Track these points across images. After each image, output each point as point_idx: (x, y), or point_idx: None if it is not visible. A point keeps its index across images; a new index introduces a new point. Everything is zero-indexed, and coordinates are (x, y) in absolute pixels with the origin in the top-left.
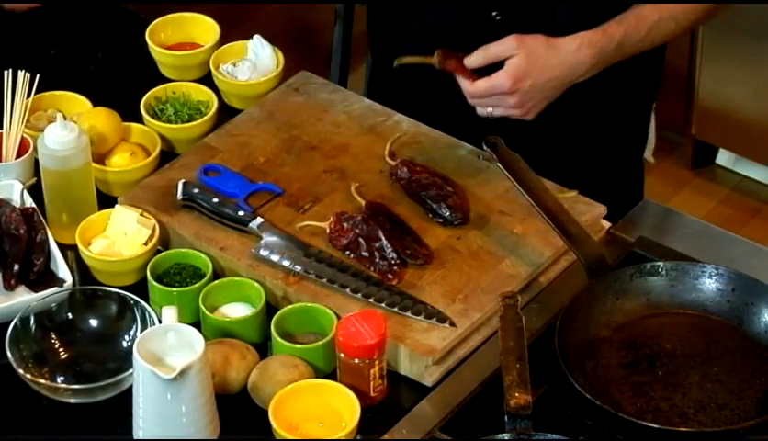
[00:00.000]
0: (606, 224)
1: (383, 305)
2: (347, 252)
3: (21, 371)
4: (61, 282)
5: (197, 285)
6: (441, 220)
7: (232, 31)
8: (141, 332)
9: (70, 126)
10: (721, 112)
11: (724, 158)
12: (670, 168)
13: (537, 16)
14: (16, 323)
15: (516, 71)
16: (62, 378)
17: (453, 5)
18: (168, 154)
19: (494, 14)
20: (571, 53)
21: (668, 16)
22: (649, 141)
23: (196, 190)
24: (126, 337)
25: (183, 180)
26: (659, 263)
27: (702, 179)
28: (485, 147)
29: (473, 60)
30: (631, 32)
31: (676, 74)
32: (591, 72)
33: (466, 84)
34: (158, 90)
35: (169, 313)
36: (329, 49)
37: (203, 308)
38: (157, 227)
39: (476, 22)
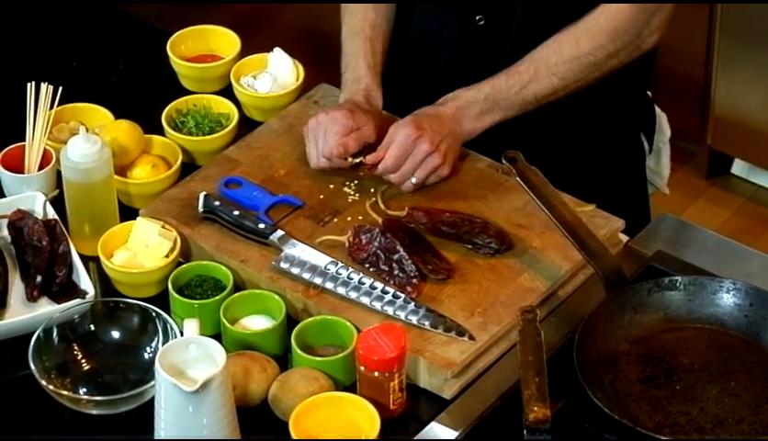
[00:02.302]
0: (624, 238)
1: (402, 318)
2: (367, 265)
3: (44, 382)
4: (83, 294)
5: (217, 297)
6: (490, 251)
7: (250, 39)
8: (162, 344)
9: (92, 139)
10: (737, 122)
11: (739, 168)
12: (685, 178)
13: (520, 18)
14: (38, 335)
15: (409, 121)
16: (84, 390)
17: (438, 12)
18: (189, 166)
19: (478, 18)
20: (442, 106)
21: (546, 69)
22: (663, 171)
23: (216, 203)
24: (147, 349)
25: (204, 192)
26: (676, 277)
27: (717, 189)
28: (504, 161)
29: (375, 156)
30: (501, 87)
31: (692, 84)
32: (470, 123)
33: (381, 166)
34: (179, 102)
35: (191, 326)
36: None
37: (224, 320)
38: (178, 239)
39: (461, 27)
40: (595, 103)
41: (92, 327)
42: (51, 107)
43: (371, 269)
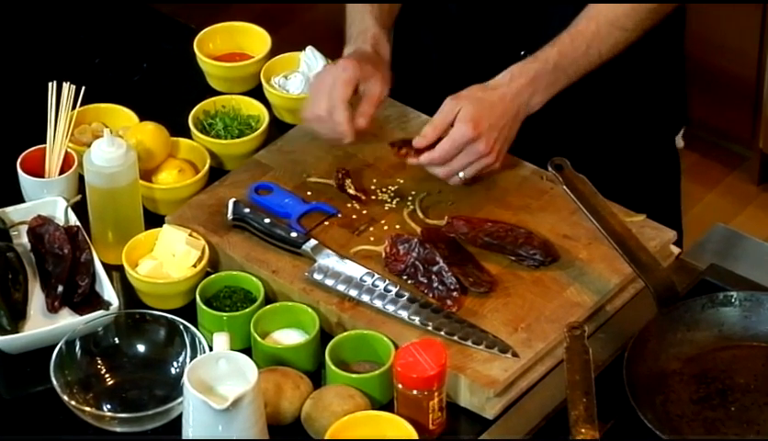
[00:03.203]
0: (676, 250)
1: (442, 333)
2: (404, 277)
3: (66, 398)
4: (107, 305)
5: (247, 310)
6: (534, 264)
7: (274, 34)
8: (190, 358)
9: (117, 142)
10: None
11: None
12: (735, 183)
13: None
14: (61, 348)
15: (470, 116)
16: (108, 406)
17: (481, 44)
18: (217, 171)
19: (522, 53)
20: (506, 86)
21: (607, 23)
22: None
23: (246, 210)
24: (174, 364)
25: (233, 199)
26: (732, 292)
27: None
28: (550, 168)
29: (423, 138)
30: (567, 51)
31: (743, 84)
32: (536, 99)
33: (427, 157)
34: (207, 103)
35: (221, 340)
36: None
37: (254, 334)
38: (206, 248)
39: (504, 60)
40: (633, 101)
41: (116, 340)
42: (74, 108)
43: (409, 281)
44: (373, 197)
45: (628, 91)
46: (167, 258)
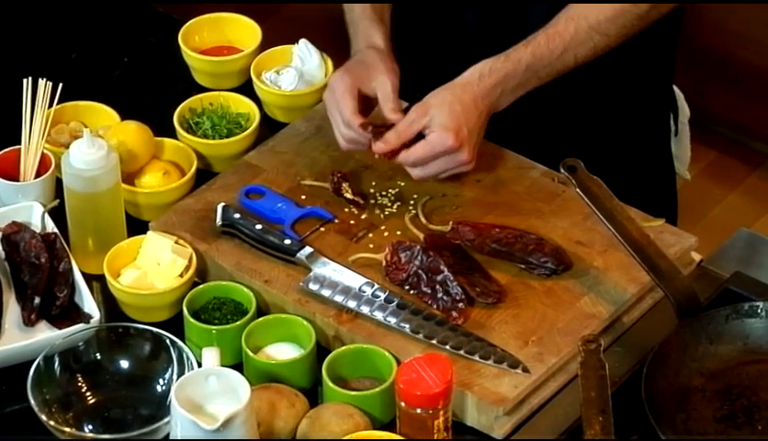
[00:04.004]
0: (697, 257)
1: (447, 347)
2: (406, 287)
3: (44, 417)
4: (87, 318)
5: (238, 322)
6: (545, 272)
7: (266, 23)
8: (177, 374)
9: (98, 143)
10: None
11: None
12: (758, 183)
13: None
14: (38, 364)
15: (449, 123)
16: (89, 427)
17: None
18: (205, 173)
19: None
20: (476, 85)
21: (588, 27)
22: (682, 155)
23: (236, 215)
24: (161, 381)
25: (222, 203)
26: (758, 302)
27: None
28: (562, 170)
29: (385, 144)
30: (542, 53)
31: (765, 77)
32: (504, 100)
33: (402, 159)
34: (193, 101)
35: (210, 355)
36: None
37: (246, 348)
38: (194, 256)
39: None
40: (622, 94)
41: (98, 356)
42: (50, 106)
43: (412, 292)
44: (372, 201)
45: (620, 89)
46: (152, 267)
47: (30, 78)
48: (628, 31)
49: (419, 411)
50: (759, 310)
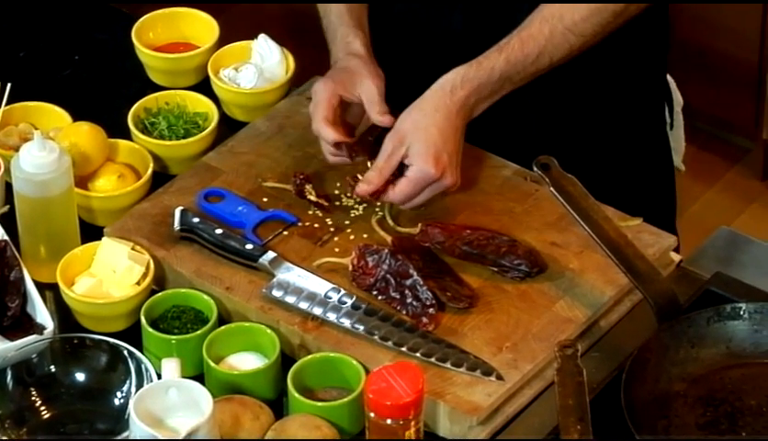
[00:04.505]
0: (676, 257)
1: (418, 355)
2: (374, 292)
3: None
4: (40, 329)
5: (199, 332)
6: (519, 275)
7: (222, 17)
8: (135, 387)
9: (49, 145)
10: None
11: None
12: (737, 179)
13: None
14: None
15: (427, 152)
16: None
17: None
18: (161, 176)
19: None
20: (449, 99)
21: (563, 28)
22: (677, 145)
23: (195, 219)
24: (118, 394)
25: (180, 207)
26: (740, 304)
27: None
28: (535, 168)
29: (368, 184)
30: (516, 58)
31: (745, 70)
32: (480, 108)
33: (387, 200)
34: (148, 100)
35: (170, 367)
36: None
37: (207, 359)
38: (151, 263)
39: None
40: (614, 86)
41: (52, 368)
42: None
43: (380, 297)
44: (337, 203)
45: (613, 81)
46: (107, 275)
47: None
48: (605, 30)
49: (389, 421)
50: (741, 312)
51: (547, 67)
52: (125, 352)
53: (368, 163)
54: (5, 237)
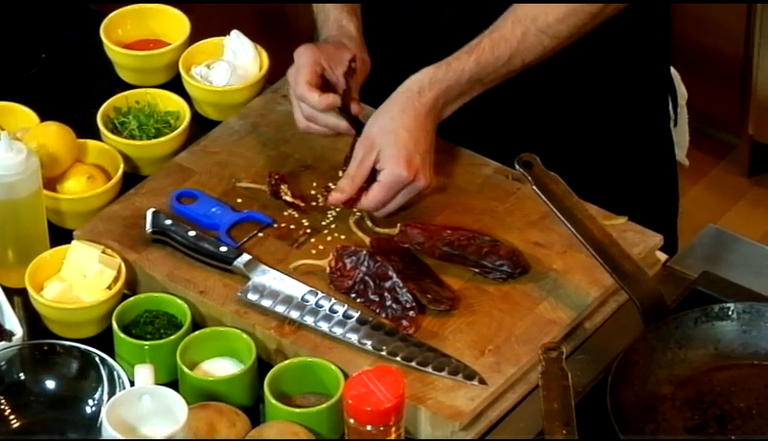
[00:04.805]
0: (662, 257)
1: (398, 359)
2: (353, 295)
3: None
4: (8, 335)
5: (172, 337)
6: (501, 276)
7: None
8: (107, 395)
9: (16, 146)
10: None
11: None
12: (723, 176)
13: None
14: None
15: (399, 155)
16: None
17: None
18: (132, 177)
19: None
20: (417, 101)
21: (537, 30)
22: (681, 139)
23: (168, 221)
24: (90, 402)
25: (152, 209)
26: (728, 304)
27: (761, 188)
28: (517, 166)
29: (341, 193)
30: (486, 60)
31: (730, 64)
32: (448, 109)
33: (361, 207)
34: (118, 99)
35: (143, 373)
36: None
37: (181, 365)
38: (123, 267)
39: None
40: (614, 85)
41: (21, 376)
42: None
43: (358, 300)
44: (313, 204)
45: (606, 72)
46: (77, 279)
47: None
48: (581, 31)
49: (369, 428)
50: (730, 312)
51: (520, 68)
52: (96, 358)
53: (339, 172)
54: None
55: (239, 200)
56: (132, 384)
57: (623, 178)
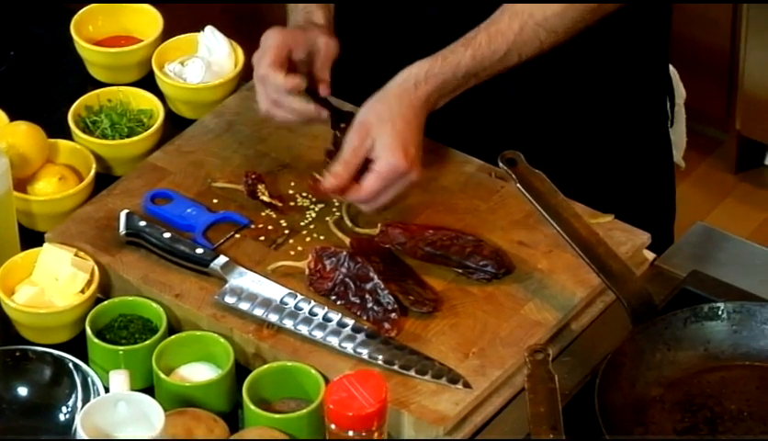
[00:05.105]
0: (650, 256)
1: (380, 362)
2: (333, 297)
3: None
4: None
5: (148, 342)
6: (485, 277)
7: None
8: (82, 401)
9: None
10: None
11: None
12: (709, 172)
13: None
14: None
15: (394, 146)
16: None
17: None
18: (105, 178)
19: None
20: (413, 94)
21: (534, 24)
22: (678, 140)
23: (142, 223)
24: (64, 409)
25: (125, 210)
26: (718, 303)
27: (749, 185)
28: (501, 164)
29: (335, 178)
30: (482, 55)
31: (716, 57)
32: (441, 103)
33: (354, 198)
34: (89, 97)
35: (118, 379)
36: None
37: (157, 370)
38: (96, 270)
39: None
40: (609, 85)
41: None
42: None
43: (339, 302)
44: (291, 204)
45: (603, 70)
46: (49, 283)
47: None
48: (578, 26)
49: (351, 433)
50: (720, 312)
51: (516, 63)
52: (70, 364)
53: (326, 160)
54: None
55: (215, 201)
56: (107, 390)
57: (616, 178)
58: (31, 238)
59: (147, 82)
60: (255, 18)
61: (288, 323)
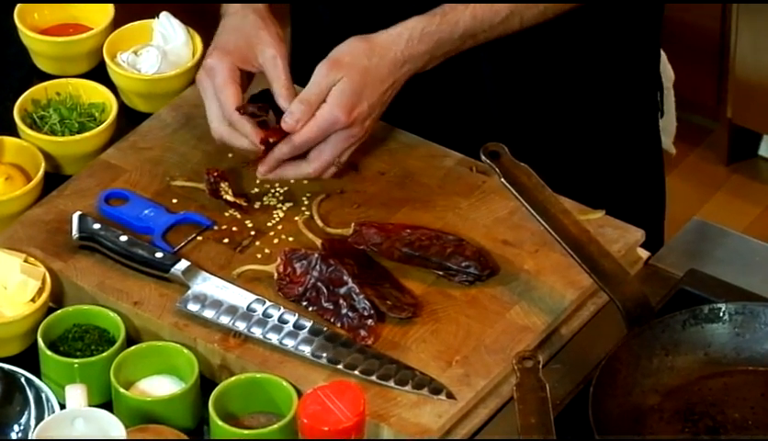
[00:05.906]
0: (644, 254)
1: (356, 373)
2: (304, 303)
3: None
4: None
5: (105, 354)
6: (468, 279)
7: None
8: (36, 419)
9: None
10: (764, 88)
11: None
12: (699, 163)
13: None
14: None
15: (345, 98)
16: None
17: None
18: (55, 177)
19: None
20: (400, 50)
21: (517, 12)
22: (667, 125)
23: (96, 225)
24: (16, 427)
25: (78, 212)
26: (719, 304)
27: (741, 176)
28: (483, 157)
29: (293, 118)
30: (483, 15)
31: (706, 41)
32: (432, 64)
33: (286, 149)
34: (36, 91)
35: (75, 394)
36: None
37: (116, 384)
38: (47, 277)
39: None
40: (596, 73)
41: None
42: None
43: (311, 308)
44: (257, 204)
45: (589, 57)
46: None
47: None
48: (540, 19)
49: None
50: (721, 314)
51: (517, 28)
52: (21, 379)
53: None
54: None
55: (174, 201)
56: (63, 407)
57: (604, 172)
58: None
59: (98, 73)
60: (212, 4)
61: (257, 332)
